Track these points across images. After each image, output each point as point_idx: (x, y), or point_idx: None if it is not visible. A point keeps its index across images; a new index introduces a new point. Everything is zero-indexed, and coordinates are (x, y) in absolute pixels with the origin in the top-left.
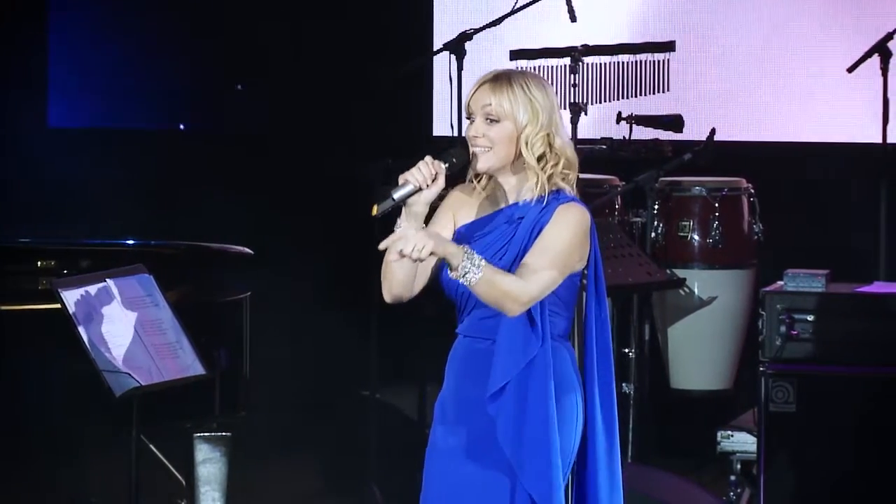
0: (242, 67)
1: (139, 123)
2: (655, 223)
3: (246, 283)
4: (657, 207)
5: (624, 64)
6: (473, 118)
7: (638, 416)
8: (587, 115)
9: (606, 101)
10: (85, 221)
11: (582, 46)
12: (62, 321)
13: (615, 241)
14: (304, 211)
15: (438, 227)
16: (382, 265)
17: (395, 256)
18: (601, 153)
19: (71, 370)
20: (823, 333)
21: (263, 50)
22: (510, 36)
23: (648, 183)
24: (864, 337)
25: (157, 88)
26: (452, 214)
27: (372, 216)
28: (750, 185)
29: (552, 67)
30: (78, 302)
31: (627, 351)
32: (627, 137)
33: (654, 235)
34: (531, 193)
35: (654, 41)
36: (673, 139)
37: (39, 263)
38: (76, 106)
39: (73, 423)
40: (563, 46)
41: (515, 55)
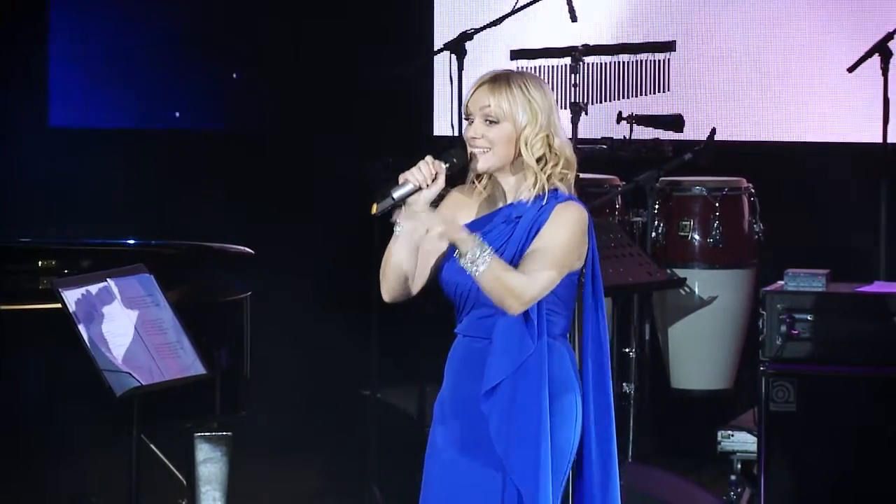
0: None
1: (139, 123)
2: (656, 223)
3: (246, 282)
4: (657, 207)
5: (624, 64)
6: (472, 119)
7: (638, 415)
8: (587, 114)
9: (607, 100)
10: (85, 221)
11: (582, 46)
12: (63, 321)
13: (616, 240)
14: (304, 210)
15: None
16: (382, 264)
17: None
18: (601, 153)
19: (71, 370)
20: (824, 333)
21: (264, 49)
22: (511, 36)
23: (649, 183)
24: (864, 337)
25: (157, 88)
26: (450, 213)
27: (371, 215)
28: (750, 184)
29: (553, 67)
30: (78, 301)
31: (628, 351)
32: (628, 137)
33: (654, 235)
34: (529, 193)
35: (654, 41)
36: (673, 139)
37: (40, 263)
38: (76, 106)
39: (73, 422)
40: (563, 46)
41: (516, 55)
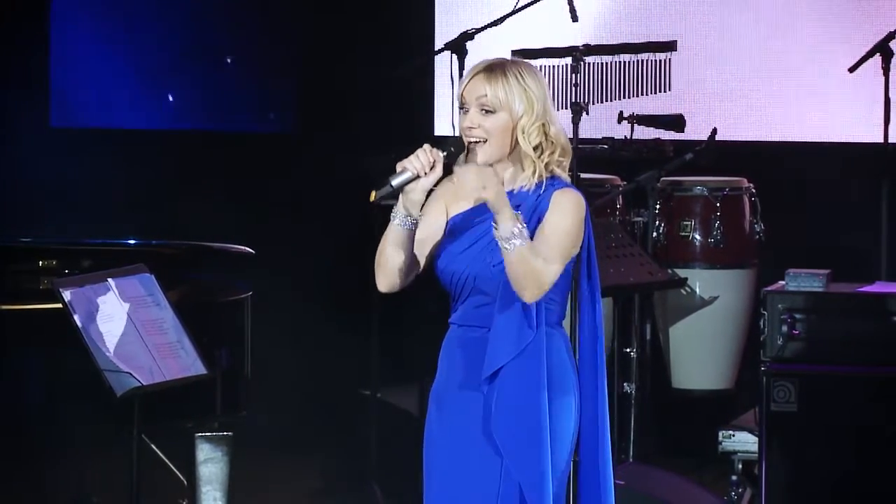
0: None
1: (139, 123)
2: (657, 223)
3: (246, 282)
4: (658, 207)
5: (625, 64)
6: (467, 109)
7: (639, 415)
8: (588, 114)
9: (608, 100)
10: (86, 221)
11: (583, 46)
12: (63, 321)
13: (617, 240)
14: (304, 210)
15: (429, 217)
16: (377, 253)
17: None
18: (602, 153)
19: (72, 370)
20: (825, 333)
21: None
22: (511, 35)
23: (650, 183)
24: (865, 337)
25: (157, 88)
26: (444, 205)
27: (370, 202)
28: (751, 184)
29: (553, 67)
30: (79, 301)
31: (629, 350)
32: (629, 137)
33: (655, 235)
34: (527, 182)
35: (655, 41)
36: (674, 139)
37: (41, 263)
38: (77, 106)
39: (74, 422)
40: (564, 46)
41: (517, 55)
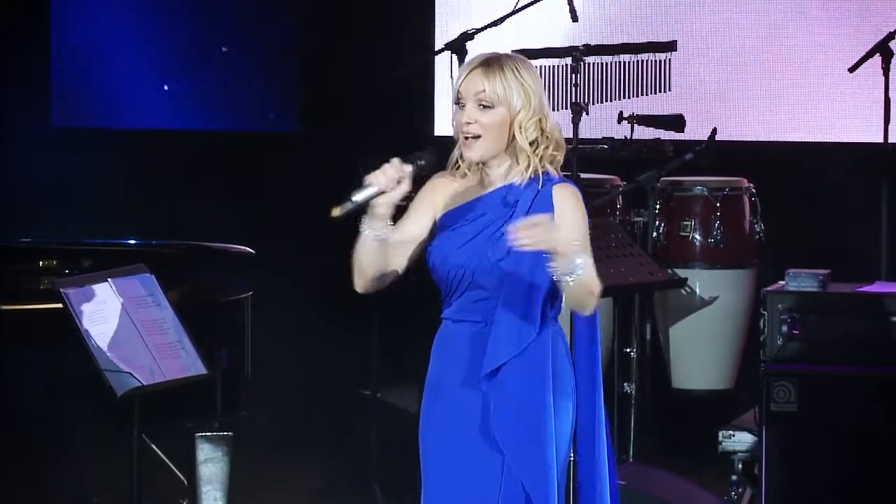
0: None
1: (139, 123)
2: (657, 223)
3: (247, 282)
4: (658, 207)
5: (625, 64)
6: (464, 104)
7: (639, 415)
8: (588, 114)
9: (608, 100)
10: (86, 221)
11: (583, 46)
12: (64, 321)
13: (616, 240)
14: (304, 210)
15: (415, 214)
16: (353, 259)
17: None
18: (602, 153)
19: (72, 370)
20: (824, 333)
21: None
22: (511, 36)
23: (650, 183)
24: (865, 337)
25: (158, 88)
26: (432, 203)
27: (332, 217)
28: (751, 184)
29: (553, 67)
30: (79, 301)
31: (629, 351)
32: (629, 137)
33: (655, 235)
34: (522, 177)
35: (655, 41)
36: (674, 139)
37: (41, 263)
38: (77, 106)
39: (74, 422)
40: (564, 46)
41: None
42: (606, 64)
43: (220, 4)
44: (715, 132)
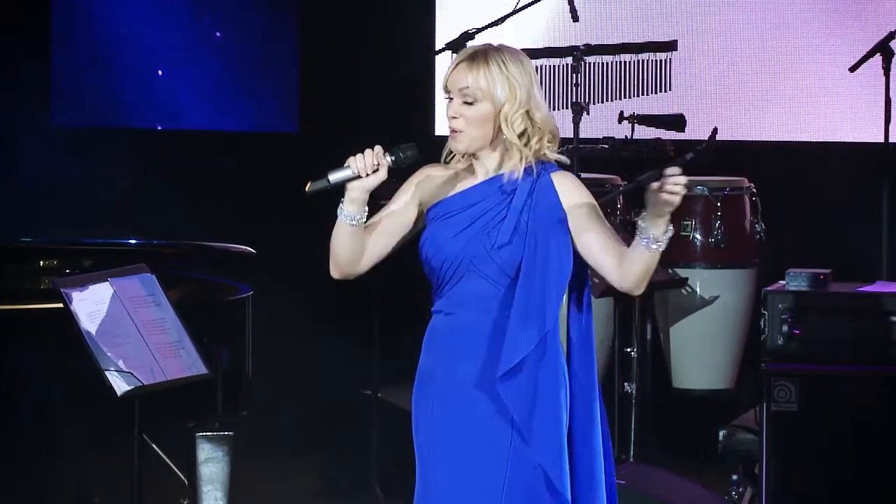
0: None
1: (140, 123)
2: None
3: (247, 282)
4: None
5: (626, 63)
6: (451, 97)
7: (640, 415)
8: (589, 114)
9: (608, 100)
10: (86, 221)
11: (584, 46)
12: (64, 321)
13: None
14: (304, 210)
15: (397, 202)
16: (330, 243)
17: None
18: (603, 153)
19: (73, 370)
20: (825, 333)
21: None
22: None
23: (650, 182)
24: (866, 336)
25: (158, 88)
26: (418, 192)
27: (304, 192)
28: (752, 184)
29: (554, 67)
30: (80, 301)
31: (629, 350)
32: (629, 137)
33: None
34: (515, 166)
35: (656, 40)
36: (675, 139)
37: (41, 263)
38: (77, 106)
39: (74, 422)
40: (564, 46)
41: None
42: (607, 63)
43: (219, 3)
44: (716, 132)
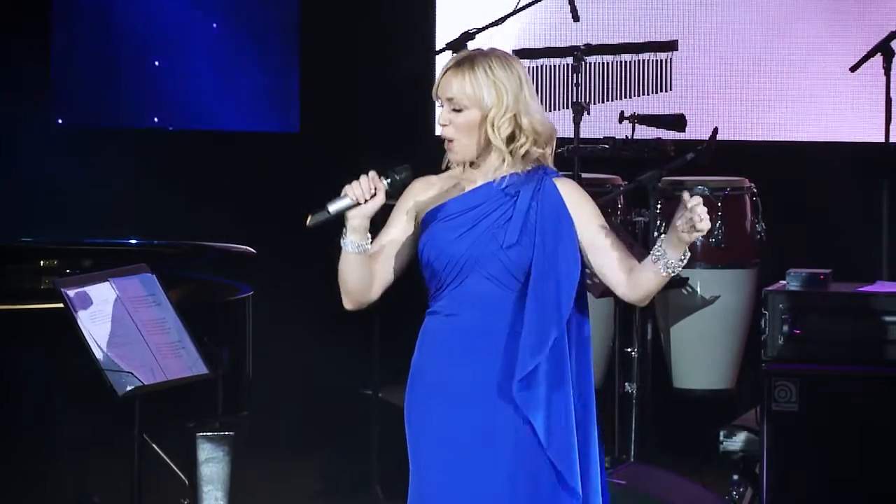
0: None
1: (140, 123)
2: (658, 223)
3: (247, 282)
4: (660, 207)
5: (626, 63)
6: (441, 105)
7: (640, 415)
8: (589, 114)
9: (609, 100)
10: (86, 221)
11: (584, 46)
12: (64, 321)
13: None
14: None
15: (393, 223)
16: (338, 277)
17: None
18: (603, 153)
19: (73, 369)
20: (826, 333)
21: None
22: (513, 35)
23: (651, 182)
24: (866, 336)
25: (158, 88)
26: (409, 209)
27: (306, 226)
28: (752, 184)
29: (554, 67)
30: (80, 301)
31: (630, 350)
32: (630, 137)
33: (656, 235)
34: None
35: (656, 40)
36: (675, 138)
37: (42, 263)
38: (78, 106)
39: (75, 422)
40: (565, 46)
41: (518, 54)
42: (607, 63)
43: (219, 3)
44: (716, 132)
